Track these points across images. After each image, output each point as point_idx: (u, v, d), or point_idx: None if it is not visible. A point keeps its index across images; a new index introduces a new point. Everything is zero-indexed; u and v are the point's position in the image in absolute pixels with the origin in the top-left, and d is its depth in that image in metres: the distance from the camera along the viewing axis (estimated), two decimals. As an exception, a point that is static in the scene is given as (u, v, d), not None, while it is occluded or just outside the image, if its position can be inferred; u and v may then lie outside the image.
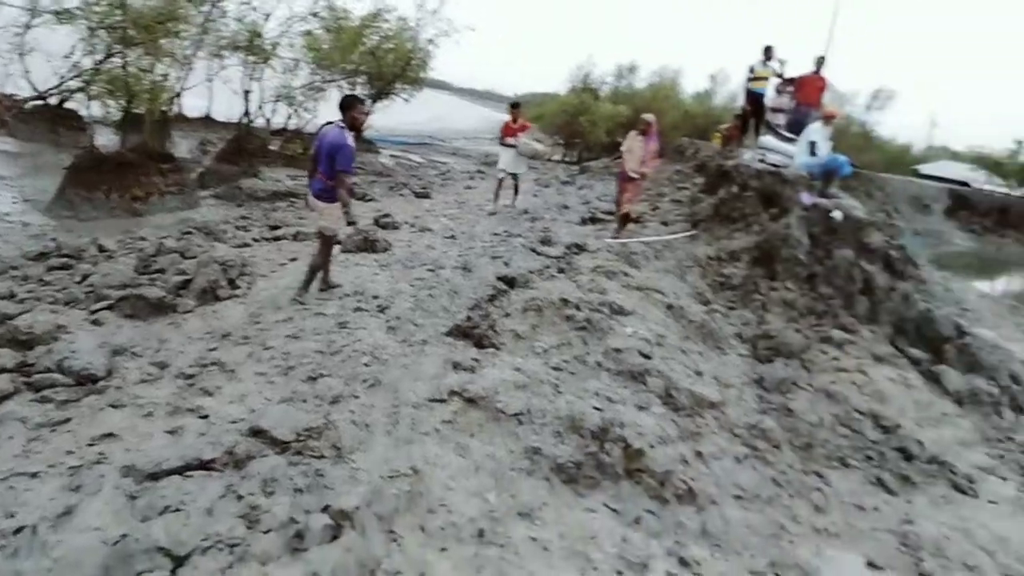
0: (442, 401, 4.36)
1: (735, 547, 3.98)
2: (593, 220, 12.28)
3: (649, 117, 9.95)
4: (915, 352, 7.47)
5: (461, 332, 5.61)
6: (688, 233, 10.03)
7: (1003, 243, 34.02)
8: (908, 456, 5.60)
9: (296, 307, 6.28)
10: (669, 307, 7.24)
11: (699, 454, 4.75)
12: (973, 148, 52.11)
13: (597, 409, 4.59)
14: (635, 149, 9.84)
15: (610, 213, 13.52)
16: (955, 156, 56.66)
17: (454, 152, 28.97)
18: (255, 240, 8.99)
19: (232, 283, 6.80)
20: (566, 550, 3.44)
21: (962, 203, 37.70)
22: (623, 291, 7.24)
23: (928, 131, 64.03)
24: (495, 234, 10.04)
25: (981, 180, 41.79)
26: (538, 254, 8.32)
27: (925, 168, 50.75)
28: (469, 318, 5.82)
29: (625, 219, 10.19)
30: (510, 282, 6.90)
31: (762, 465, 4.98)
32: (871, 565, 4.29)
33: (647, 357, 5.75)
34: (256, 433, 3.76)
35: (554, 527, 3.56)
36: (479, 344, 5.49)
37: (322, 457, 3.66)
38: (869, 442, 5.72)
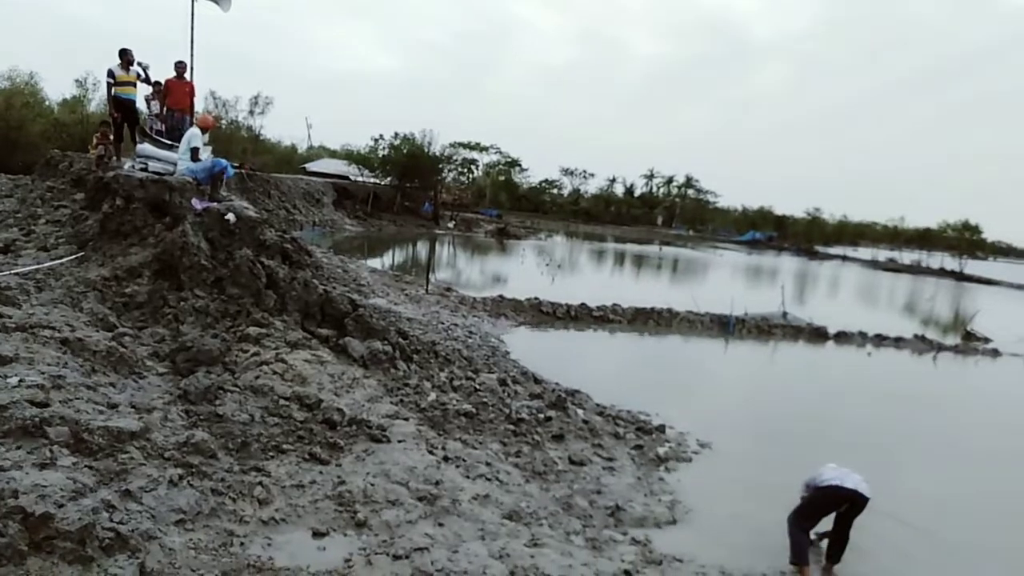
0: None
1: (183, 575, 3.79)
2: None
3: None
4: (323, 331, 8.30)
5: None
6: (75, 256, 8.87)
7: (381, 224, 40.59)
8: (332, 425, 6.22)
9: None
10: (65, 342, 6.33)
11: (127, 493, 4.33)
12: (344, 146, 60.14)
13: (-23, 487, 3.72)
14: None
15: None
16: (333, 154, 64.59)
17: None
18: None
19: None
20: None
21: (345, 194, 43.43)
22: (-1, 336, 6.01)
23: (307, 132, 71.09)
24: None
25: (356, 173, 48.82)
26: None
27: (312, 166, 56.38)
28: None
29: None
30: None
31: (200, 480, 4.83)
32: (317, 534, 4.66)
33: (43, 405, 4.97)
34: None
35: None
36: None
37: None
38: (298, 423, 6.13)
